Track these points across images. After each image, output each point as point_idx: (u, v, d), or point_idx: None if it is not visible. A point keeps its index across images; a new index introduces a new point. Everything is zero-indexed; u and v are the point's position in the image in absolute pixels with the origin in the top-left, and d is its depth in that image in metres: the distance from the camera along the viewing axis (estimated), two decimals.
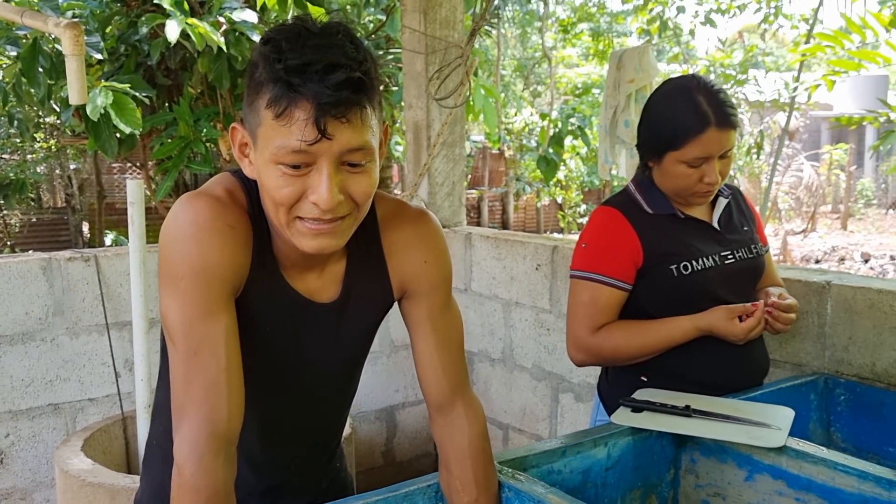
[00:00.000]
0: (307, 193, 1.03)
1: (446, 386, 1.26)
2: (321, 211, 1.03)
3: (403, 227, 1.24)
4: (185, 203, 1.09)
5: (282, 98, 0.98)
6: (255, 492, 1.29)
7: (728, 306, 1.74)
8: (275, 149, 1.01)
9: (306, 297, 1.19)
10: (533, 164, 10.89)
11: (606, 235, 1.81)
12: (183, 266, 1.05)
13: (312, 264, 1.18)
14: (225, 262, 1.07)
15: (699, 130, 1.70)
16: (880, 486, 1.31)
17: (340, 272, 1.21)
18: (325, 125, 0.98)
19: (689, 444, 1.58)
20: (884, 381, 1.89)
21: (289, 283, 1.17)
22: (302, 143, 0.99)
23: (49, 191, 11.77)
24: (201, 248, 1.06)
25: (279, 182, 1.02)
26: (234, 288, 1.10)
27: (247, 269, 1.12)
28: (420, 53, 3.32)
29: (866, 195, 18.26)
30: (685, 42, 8.95)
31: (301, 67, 0.97)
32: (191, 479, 1.00)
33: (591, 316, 1.79)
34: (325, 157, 1.01)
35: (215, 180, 1.15)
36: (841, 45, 2.85)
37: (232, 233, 1.08)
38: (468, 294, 3.32)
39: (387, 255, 1.24)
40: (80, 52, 2.27)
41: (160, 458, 1.27)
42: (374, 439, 3.52)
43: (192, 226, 1.06)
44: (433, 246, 1.26)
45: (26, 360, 2.71)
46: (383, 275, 1.24)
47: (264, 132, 1.02)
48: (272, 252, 1.15)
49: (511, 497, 1.27)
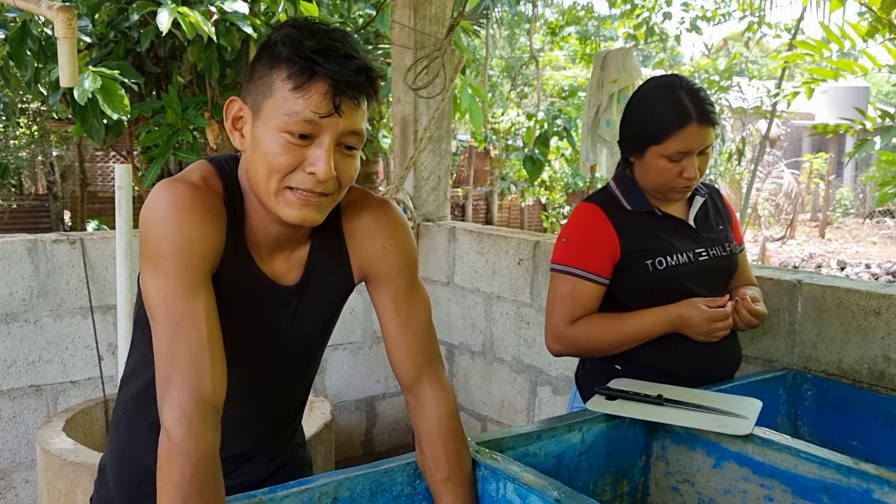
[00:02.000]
0: (304, 165, 1.11)
1: (412, 367, 1.31)
2: (315, 182, 1.12)
3: (363, 213, 1.31)
4: (164, 187, 1.15)
5: (303, 72, 1.08)
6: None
7: (702, 299, 1.80)
8: (286, 117, 1.09)
9: (271, 278, 1.25)
10: (518, 163, 10.95)
11: (586, 231, 1.87)
12: (164, 244, 1.11)
13: (281, 248, 1.25)
14: (204, 240, 1.14)
15: (680, 125, 1.76)
16: (840, 473, 1.36)
17: (304, 256, 1.28)
18: (339, 102, 1.09)
19: (661, 431, 1.63)
20: (849, 378, 1.95)
21: (258, 265, 1.24)
22: (315, 115, 1.09)
23: (31, 177, 11.68)
24: (181, 227, 1.12)
25: (280, 150, 1.11)
26: (211, 265, 1.16)
27: (221, 250, 1.18)
28: (409, 49, 3.36)
29: (844, 204, 18.49)
30: (671, 48, 9.04)
31: (324, 50, 1.09)
32: (181, 444, 1.03)
33: (569, 309, 1.85)
34: (330, 132, 1.11)
35: (192, 168, 1.22)
36: (820, 53, 2.92)
37: (209, 215, 1.15)
38: (451, 287, 3.36)
39: (347, 239, 1.30)
40: (72, 36, 2.29)
41: (125, 422, 1.34)
42: (354, 429, 3.56)
43: (172, 207, 1.13)
44: (392, 233, 1.32)
45: (9, 340, 2.73)
46: (343, 259, 1.31)
47: (274, 103, 1.10)
48: (244, 236, 1.22)
49: (487, 475, 1.32)
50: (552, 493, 1.20)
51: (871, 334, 1.91)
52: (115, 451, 1.37)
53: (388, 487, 1.30)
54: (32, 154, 10.12)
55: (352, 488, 1.25)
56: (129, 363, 1.35)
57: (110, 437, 1.41)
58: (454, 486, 1.28)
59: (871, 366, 1.92)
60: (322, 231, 1.27)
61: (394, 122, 3.57)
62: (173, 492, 1.02)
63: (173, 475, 1.02)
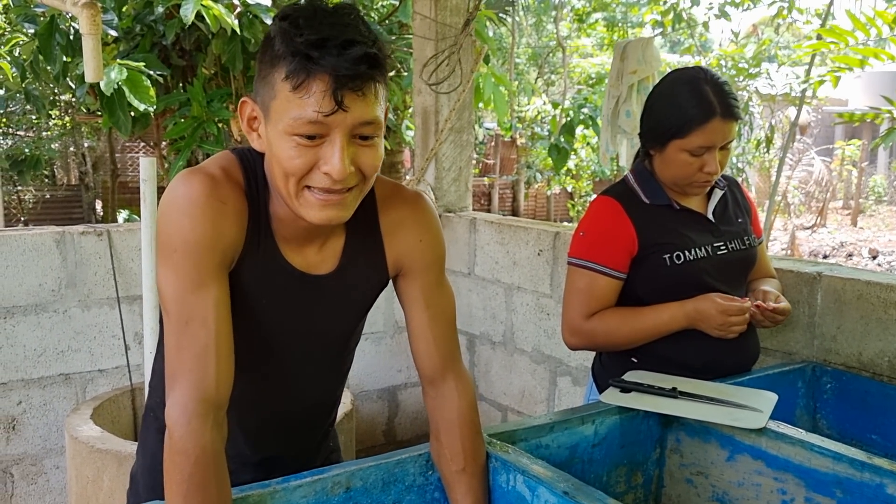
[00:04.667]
0: (319, 164, 1.07)
1: (438, 360, 1.32)
2: (332, 181, 1.07)
3: (401, 207, 1.29)
4: (181, 180, 1.13)
5: (300, 71, 1.02)
6: (250, 462, 1.34)
7: (719, 294, 1.79)
8: (291, 120, 1.04)
9: (300, 269, 1.23)
10: (544, 152, 10.90)
11: (604, 225, 1.86)
12: (176, 239, 1.10)
13: (311, 239, 1.23)
14: (216, 235, 1.11)
15: (704, 120, 1.74)
16: (853, 468, 1.36)
17: (339, 247, 1.26)
18: (342, 97, 1.03)
19: (675, 424, 1.63)
20: (869, 371, 1.93)
21: (285, 257, 1.21)
22: (319, 115, 1.03)
23: (63, 168, 11.85)
24: (194, 222, 1.10)
25: (292, 153, 1.06)
26: (225, 261, 1.14)
27: (240, 244, 1.16)
28: (430, 40, 3.37)
29: (878, 192, 18.17)
30: (699, 34, 8.92)
31: (319, 42, 1.01)
32: (179, 442, 1.05)
33: (586, 303, 1.85)
34: (339, 128, 1.05)
35: (213, 158, 1.20)
36: (845, 41, 2.88)
37: (223, 209, 1.12)
38: (471, 278, 3.37)
39: (384, 233, 1.29)
40: (96, 32, 2.33)
41: (155, 428, 1.32)
42: (376, 418, 3.59)
43: (185, 201, 1.11)
44: (428, 227, 1.31)
45: (39, 330, 2.79)
46: (380, 253, 1.29)
47: (279, 104, 1.06)
48: (269, 228, 1.19)
49: (498, 467, 1.33)
50: (560, 486, 1.21)
51: (892, 327, 1.89)
52: (145, 460, 1.37)
53: (400, 478, 1.32)
54: (65, 145, 10.26)
55: (364, 479, 1.27)
56: (155, 367, 1.34)
57: (140, 446, 1.41)
58: (468, 477, 1.30)
59: (891, 359, 1.90)
60: (358, 224, 1.24)
61: (415, 113, 3.59)
62: (175, 488, 1.04)
63: (174, 472, 1.04)
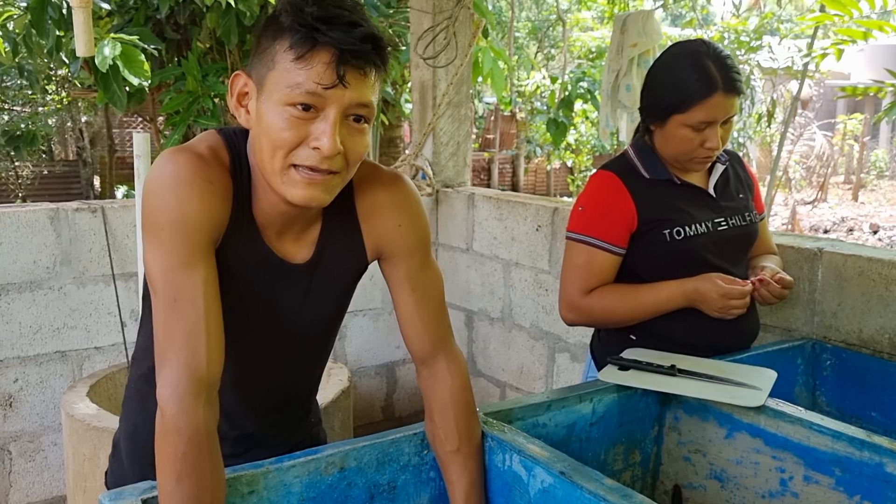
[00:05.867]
0: (309, 140, 1.07)
1: (428, 342, 1.31)
2: (320, 158, 1.07)
3: (377, 190, 1.27)
4: (167, 157, 1.11)
5: (306, 41, 1.03)
6: (228, 438, 1.31)
7: (720, 275, 1.77)
8: (288, 89, 1.05)
9: (280, 257, 1.22)
10: (544, 127, 10.83)
11: (603, 199, 1.83)
12: (163, 217, 1.09)
13: (291, 225, 1.22)
14: (203, 214, 1.10)
15: (706, 95, 1.71)
16: (853, 446, 1.35)
17: (315, 235, 1.25)
18: (344, 72, 1.04)
19: (674, 402, 1.62)
20: (869, 348, 1.92)
21: (265, 242, 1.20)
22: (318, 86, 1.04)
23: (60, 143, 11.82)
24: (181, 200, 1.09)
25: (283, 124, 1.06)
26: (212, 240, 1.13)
27: (225, 224, 1.15)
28: (427, 13, 3.32)
29: (880, 166, 18.10)
30: (701, 6, 8.83)
31: (328, 18, 1.03)
32: (172, 420, 1.04)
33: (584, 279, 1.82)
34: (335, 105, 1.06)
35: (200, 137, 1.18)
36: (849, 13, 2.84)
37: (211, 188, 1.11)
38: (470, 254, 3.35)
39: (360, 218, 1.27)
40: (87, 5, 2.29)
41: (136, 400, 1.32)
42: (374, 394, 3.59)
43: (172, 179, 1.09)
44: (407, 210, 1.29)
45: (34, 307, 2.78)
46: (357, 238, 1.27)
47: (277, 75, 1.06)
48: (251, 212, 1.18)
49: (493, 447, 1.32)
50: (557, 466, 1.19)
51: (893, 304, 1.87)
52: (128, 429, 1.37)
53: (395, 458, 1.31)
54: (62, 121, 10.21)
55: (359, 458, 1.26)
56: (139, 340, 1.34)
57: (123, 414, 1.41)
58: (463, 457, 1.29)
59: (891, 336, 1.88)
60: (334, 209, 1.23)
61: (412, 87, 3.54)
62: (168, 467, 1.03)
63: (167, 451, 1.04)
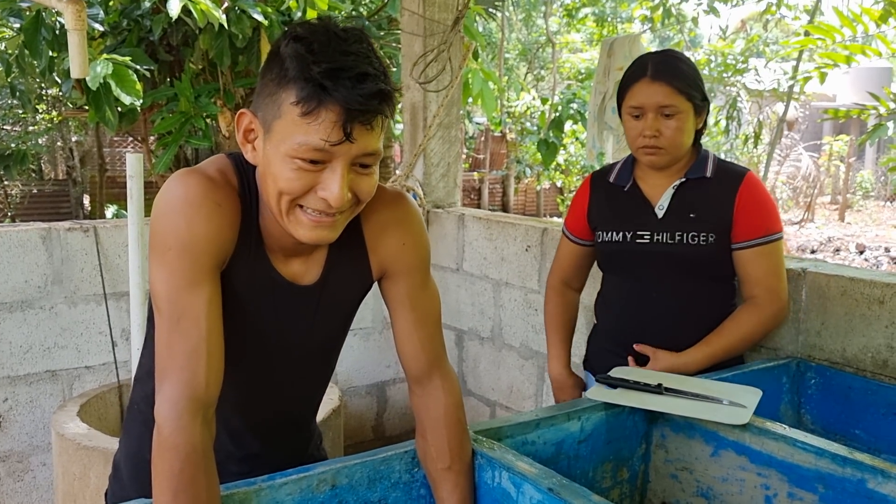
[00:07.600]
0: (317, 189, 1.08)
1: (424, 360, 1.32)
2: (327, 206, 1.09)
3: (382, 210, 1.29)
4: (177, 179, 1.14)
5: (312, 98, 1.03)
6: (234, 457, 1.35)
7: (566, 369, 2.19)
8: (296, 144, 1.05)
9: (288, 279, 1.24)
10: (534, 147, 10.91)
11: (576, 196, 2.09)
12: (171, 238, 1.10)
13: (300, 250, 1.23)
14: (211, 236, 1.12)
15: (634, 80, 1.86)
16: (836, 463, 1.37)
17: (323, 257, 1.27)
18: (350, 129, 1.04)
19: (661, 420, 1.64)
20: (853, 366, 1.95)
21: (273, 265, 1.22)
22: (325, 143, 1.04)
23: (50, 162, 11.79)
24: (189, 222, 1.11)
25: (291, 175, 1.07)
26: (218, 262, 1.15)
27: (232, 246, 1.17)
28: (418, 36, 3.36)
29: (865, 187, 18.27)
30: (688, 30, 8.95)
31: (334, 72, 1.02)
32: (169, 438, 1.06)
33: (557, 262, 2.14)
34: (342, 157, 1.07)
35: (210, 161, 1.20)
36: (832, 38, 2.90)
37: (219, 210, 1.13)
38: (460, 274, 3.38)
39: (367, 238, 1.29)
40: (81, 27, 2.31)
41: (140, 421, 1.33)
42: (365, 414, 3.59)
43: (181, 201, 1.11)
44: (410, 229, 1.31)
45: (25, 326, 2.78)
46: (363, 258, 1.29)
47: (284, 126, 1.06)
48: (259, 235, 1.20)
49: (483, 464, 1.34)
50: (545, 482, 1.21)
51: (875, 323, 1.91)
52: (130, 449, 1.38)
53: (386, 475, 1.32)
54: (52, 140, 10.20)
55: (350, 476, 1.28)
56: (142, 361, 1.35)
57: (124, 435, 1.42)
58: (454, 475, 1.31)
59: (874, 355, 1.91)
60: None
61: (403, 109, 3.58)
62: (164, 484, 1.05)
63: (164, 468, 1.05)
